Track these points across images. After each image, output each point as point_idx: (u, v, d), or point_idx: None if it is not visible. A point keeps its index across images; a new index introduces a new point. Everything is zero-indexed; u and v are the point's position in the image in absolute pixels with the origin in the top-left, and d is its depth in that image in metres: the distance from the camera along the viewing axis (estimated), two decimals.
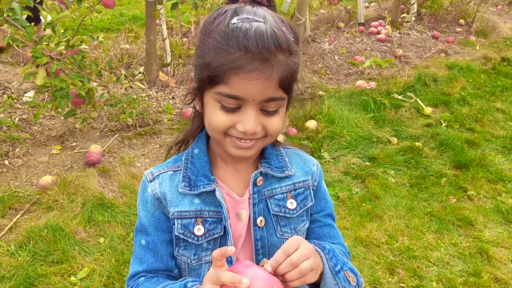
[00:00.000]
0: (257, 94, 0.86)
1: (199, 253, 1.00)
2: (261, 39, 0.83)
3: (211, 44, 0.87)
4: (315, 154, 3.55)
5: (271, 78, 0.85)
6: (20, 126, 3.39)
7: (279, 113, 0.93)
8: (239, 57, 0.84)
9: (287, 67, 0.87)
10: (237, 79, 0.85)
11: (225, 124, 0.90)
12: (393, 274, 2.50)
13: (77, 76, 2.86)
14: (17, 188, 2.89)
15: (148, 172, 1.04)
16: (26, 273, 2.30)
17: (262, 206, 1.02)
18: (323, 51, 5.32)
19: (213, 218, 0.99)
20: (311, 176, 1.10)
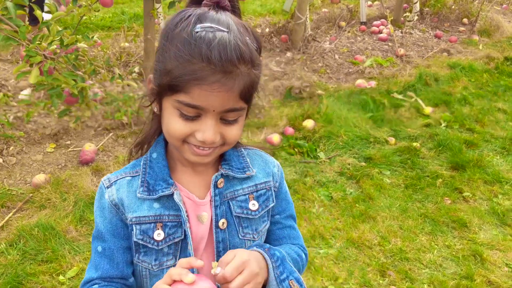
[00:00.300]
0: (218, 105, 0.86)
1: (160, 258, 0.99)
2: (224, 51, 0.82)
3: (173, 51, 0.86)
4: (311, 154, 3.53)
5: (232, 90, 0.85)
6: (14, 124, 3.40)
7: (238, 122, 0.93)
8: (201, 68, 0.83)
9: (249, 79, 0.87)
10: (198, 90, 0.84)
11: (183, 132, 0.90)
12: (384, 276, 2.48)
13: (70, 75, 2.86)
14: (11, 186, 2.90)
15: (105, 178, 1.03)
16: (15, 272, 2.30)
17: (224, 208, 1.02)
18: (323, 50, 5.30)
19: (173, 222, 0.98)
20: (272, 178, 1.10)
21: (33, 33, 3.02)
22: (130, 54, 4.43)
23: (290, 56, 5.13)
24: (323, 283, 2.39)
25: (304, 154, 3.53)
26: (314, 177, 3.26)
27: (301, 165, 3.38)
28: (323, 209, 2.97)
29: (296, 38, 5.37)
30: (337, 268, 2.50)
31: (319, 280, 2.40)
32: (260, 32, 5.67)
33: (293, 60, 5.04)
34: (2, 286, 2.22)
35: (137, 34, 5.22)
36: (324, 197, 3.08)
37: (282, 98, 4.29)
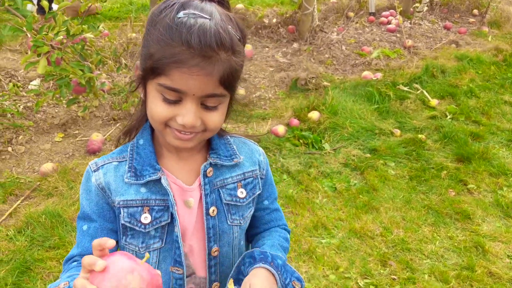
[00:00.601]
0: (197, 89, 0.88)
1: (147, 241, 1.02)
2: (203, 36, 0.85)
3: (155, 35, 0.88)
4: (316, 145, 3.55)
5: (212, 75, 0.87)
6: (24, 114, 3.45)
7: (219, 109, 0.95)
8: (181, 51, 0.85)
9: (229, 65, 0.89)
10: (178, 73, 0.86)
11: (165, 115, 0.92)
12: (385, 266, 2.50)
13: (78, 65, 2.90)
14: (19, 175, 2.95)
15: (92, 162, 1.05)
16: (23, 258, 2.36)
17: (214, 196, 1.05)
18: (330, 41, 5.29)
19: (160, 206, 1.01)
20: (258, 166, 1.13)
21: (40, 23, 3.06)
22: (137, 44, 4.46)
23: (296, 47, 5.13)
24: (324, 272, 2.43)
25: (309, 145, 3.55)
26: (318, 168, 3.28)
27: (306, 156, 3.40)
28: (326, 199, 2.99)
29: (303, 28, 5.37)
30: (339, 257, 2.53)
31: (320, 269, 2.43)
32: (267, 22, 5.66)
33: (299, 51, 5.04)
34: (11, 271, 2.28)
35: (144, 25, 5.24)
36: (328, 188, 3.11)
37: (288, 90, 4.30)
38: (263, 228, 1.20)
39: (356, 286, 2.37)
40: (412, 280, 2.42)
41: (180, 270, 1.05)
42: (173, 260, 1.04)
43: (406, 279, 2.42)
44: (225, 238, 1.08)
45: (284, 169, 3.24)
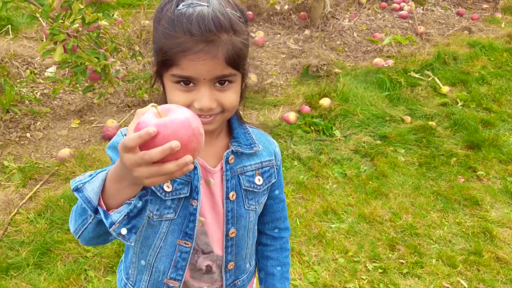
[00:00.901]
0: (207, 73, 0.93)
1: (161, 209, 1.06)
2: (202, 22, 0.90)
3: (161, 30, 0.95)
4: (326, 132, 3.59)
5: (217, 57, 0.92)
6: (41, 100, 3.54)
7: (232, 88, 0.99)
8: (185, 40, 0.91)
9: (232, 45, 0.94)
10: (186, 60, 0.92)
11: (183, 103, 0.96)
12: (393, 250, 2.56)
13: (93, 53, 2.96)
14: (38, 160, 3.05)
15: (124, 128, 1.08)
16: (43, 240, 2.45)
17: (234, 181, 1.12)
18: (342, 27, 5.29)
19: (182, 179, 1.06)
20: (274, 157, 1.20)
21: (57, 11, 3.12)
22: (150, 32, 4.51)
23: (308, 34, 5.15)
24: (334, 255, 2.49)
25: (320, 132, 3.60)
26: (329, 154, 3.33)
27: (317, 142, 3.45)
28: (336, 185, 3.05)
29: (315, 15, 5.37)
30: (348, 242, 2.59)
31: (330, 253, 2.50)
32: (279, 9, 5.67)
33: (311, 38, 5.06)
34: (33, 252, 2.38)
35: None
36: (338, 174, 3.16)
37: (299, 76, 4.33)
38: (269, 216, 1.27)
39: (364, 270, 2.43)
40: (420, 264, 2.47)
41: (188, 243, 1.10)
42: (182, 233, 1.09)
43: (414, 263, 2.48)
44: (242, 222, 1.15)
45: (295, 155, 3.30)
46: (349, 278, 2.36)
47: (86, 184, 0.84)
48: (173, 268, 1.12)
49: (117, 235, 0.82)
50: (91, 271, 2.31)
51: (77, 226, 0.91)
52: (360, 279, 2.37)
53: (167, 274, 1.13)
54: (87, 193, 0.83)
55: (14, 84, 3.54)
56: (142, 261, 1.14)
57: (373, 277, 2.38)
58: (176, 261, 1.12)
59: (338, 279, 2.35)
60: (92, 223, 0.87)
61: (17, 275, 2.28)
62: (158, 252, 1.11)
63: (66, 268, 2.30)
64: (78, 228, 0.90)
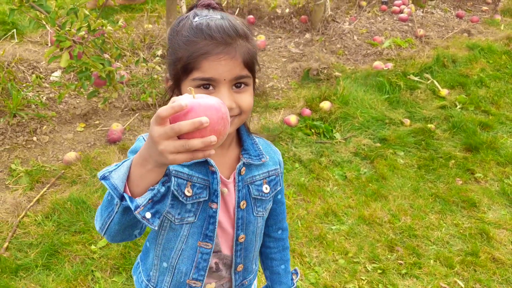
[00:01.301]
0: (227, 73, 1.01)
1: (182, 213, 1.13)
2: (221, 28, 1.00)
3: (180, 40, 1.03)
4: (327, 135, 3.65)
5: (236, 58, 1.01)
6: (47, 104, 3.61)
7: (248, 90, 1.07)
8: (205, 44, 0.99)
9: (247, 49, 1.03)
10: (207, 62, 0.99)
11: None
12: (392, 251, 2.63)
13: (98, 59, 3.03)
14: (44, 163, 3.12)
15: (144, 134, 1.11)
16: (51, 241, 2.52)
17: (245, 191, 1.19)
18: (342, 31, 5.35)
19: (201, 184, 1.13)
20: (279, 165, 1.29)
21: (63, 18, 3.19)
22: (154, 36, 4.58)
23: (309, 37, 5.21)
24: (334, 256, 2.55)
25: (321, 135, 3.66)
26: (329, 157, 3.40)
27: (317, 145, 3.52)
28: (337, 188, 3.11)
29: (315, 19, 5.44)
30: (348, 243, 2.65)
31: (330, 254, 2.56)
32: (280, 13, 5.74)
33: (311, 42, 5.13)
34: (41, 253, 2.45)
35: (160, 16, 5.36)
36: (339, 176, 3.22)
37: (300, 80, 4.40)
38: (273, 220, 1.35)
39: (364, 270, 2.50)
40: (418, 265, 2.54)
41: (209, 245, 1.16)
42: (202, 235, 1.16)
43: (412, 264, 2.54)
44: (251, 228, 1.22)
45: (296, 158, 3.36)
46: (349, 279, 2.43)
47: (112, 172, 0.88)
48: (195, 269, 1.18)
49: (141, 218, 0.86)
50: (97, 272, 2.37)
51: (103, 221, 0.94)
52: (360, 280, 2.43)
53: (189, 275, 1.19)
54: (114, 181, 0.87)
55: (21, 88, 3.61)
56: (164, 263, 1.20)
57: (372, 278, 2.44)
58: (198, 262, 1.17)
59: (338, 280, 2.42)
60: (119, 212, 0.90)
61: (26, 276, 2.35)
62: (180, 254, 1.17)
63: (74, 269, 2.37)
64: (104, 222, 0.94)
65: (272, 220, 1.35)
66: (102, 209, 0.94)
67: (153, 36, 4.59)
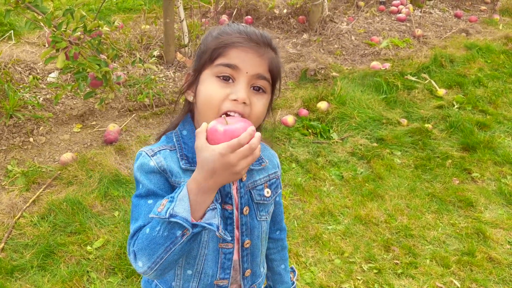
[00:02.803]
0: (250, 66, 1.03)
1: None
2: (258, 32, 1.06)
3: (213, 35, 1.08)
4: (324, 135, 3.65)
5: (263, 58, 1.04)
6: (44, 105, 3.61)
7: (264, 98, 1.08)
8: (239, 37, 1.04)
9: (274, 59, 1.07)
10: (235, 51, 1.03)
11: (220, 95, 1.03)
12: (388, 251, 2.62)
13: (94, 60, 3.03)
14: (41, 164, 3.11)
15: (146, 149, 1.13)
16: (47, 242, 2.52)
17: (247, 197, 1.19)
18: (340, 31, 5.35)
19: None
20: (278, 168, 1.29)
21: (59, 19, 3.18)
22: (151, 37, 4.58)
23: (306, 38, 5.21)
24: (330, 256, 2.55)
25: (318, 135, 3.66)
26: (326, 157, 3.39)
27: (314, 145, 3.52)
28: (333, 187, 3.11)
29: (313, 19, 5.44)
30: (344, 243, 2.65)
31: (326, 254, 2.56)
32: (277, 13, 5.74)
33: (309, 42, 5.12)
34: (37, 254, 2.44)
35: (158, 16, 5.36)
36: (335, 176, 3.22)
37: (298, 80, 4.40)
38: (273, 221, 1.34)
39: (360, 270, 2.49)
40: (414, 265, 2.53)
41: (229, 245, 1.16)
42: (222, 238, 1.14)
43: (408, 264, 2.54)
44: (255, 232, 1.22)
45: (293, 158, 3.36)
46: (344, 279, 2.42)
47: (175, 208, 0.94)
48: (221, 270, 1.18)
49: (223, 235, 0.98)
50: (93, 273, 2.37)
51: (156, 258, 0.97)
52: (356, 280, 2.43)
53: (216, 277, 1.18)
54: (182, 215, 0.93)
55: (18, 89, 3.61)
56: (189, 271, 1.18)
57: (368, 278, 2.44)
58: (222, 262, 1.18)
59: (334, 280, 2.41)
60: (184, 241, 0.97)
61: (21, 277, 2.35)
62: (205, 259, 1.16)
63: (69, 270, 2.37)
64: (158, 259, 0.97)
65: (271, 222, 1.35)
66: (155, 246, 0.97)
67: (150, 36, 4.59)
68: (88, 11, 5.20)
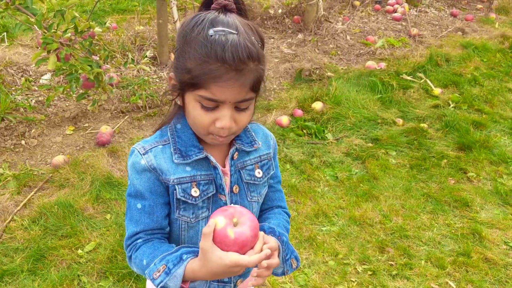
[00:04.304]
0: (233, 97, 1.03)
1: (196, 212, 1.17)
2: (236, 52, 0.98)
3: (192, 53, 1.02)
4: (319, 135, 3.63)
5: (244, 85, 1.02)
6: (36, 108, 3.58)
7: (250, 109, 1.10)
8: (217, 68, 0.99)
9: (257, 73, 1.04)
10: (216, 86, 1.00)
11: (207, 122, 1.07)
12: (383, 252, 2.60)
13: (86, 61, 3.00)
14: (32, 167, 3.08)
15: (138, 146, 1.17)
16: (37, 246, 2.49)
17: (237, 176, 1.21)
18: (335, 31, 5.33)
19: (205, 180, 1.16)
20: (272, 149, 1.30)
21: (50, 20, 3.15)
22: (144, 38, 4.55)
23: (301, 38, 5.19)
24: (324, 258, 2.53)
25: (312, 135, 3.63)
26: (321, 157, 3.37)
27: (309, 146, 3.49)
28: (328, 188, 3.08)
29: (308, 19, 5.41)
30: (338, 244, 2.62)
31: (320, 256, 2.53)
32: (272, 13, 5.71)
33: (304, 42, 5.10)
34: (27, 258, 2.41)
35: (151, 17, 5.33)
36: (330, 177, 3.20)
37: (292, 81, 4.37)
38: (267, 204, 1.35)
39: (354, 272, 2.47)
40: (409, 266, 2.51)
41: None
42: None
43: (403, 265, 2.51)
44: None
45: (288, 158, 3.34)
46: (339, 281, 2.40)
47: (168, 282, 1.06)
48: None
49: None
50: (84, 277, 2.34)
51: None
52: (350, 281, 2.40)
53: None
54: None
55: (9, 92, 3.58)
56: None
57: (363, 279, 2.41)
58: None
59: (328, 282, 2.39)
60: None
61: (11, 282, 2.31)
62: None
63: (60, 274, 2.34)
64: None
65: (267, 206, 1.35)
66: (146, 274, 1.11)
67: (144, 37, 4.57)
68: (82, 13, 5.17)
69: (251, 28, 1.06)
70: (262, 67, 1.06)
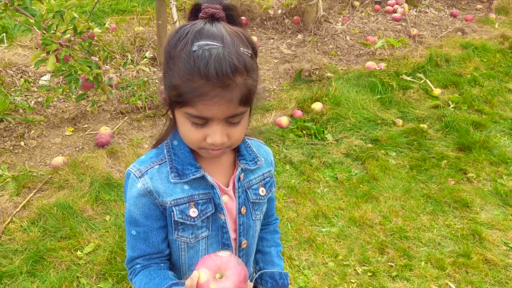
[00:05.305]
0: (221, 114, 0.98)
1: (195, 232, 1.14)
2: (219, 68, 0.93)
3: (176, 70, 0.97)
4: (318, 136, 3.62)
5: (232, 100, 0.96)
6: (35, 109, 3.57)
7: (242, 123, 1.05)
8: (201, 85, 0.94)
9: (245, 86, 0.97)
10: (202, 104, 0.96)
11: (197, 138, 1.03)
12: (383, 253, 2.59)
13: (85, 62, 3.00)
14: (32, 168, 3.08)
15: (134, 169, 1.13)
16: (36, 248, 2.48)
17: (244, 196, 1.19)
18: (335, 31, 5.32)
19: (203, 199, 1.13)
20: (271, 166, 1.28)
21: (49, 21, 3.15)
22: (144, 38, 4.55)
23: (301, 38, 5.18)
24: (324, 259, 2.52)
25: (312, 136, 3.63)
26: (320, 158, 3.36)
27: (308, 146, 3.49)
28: (327, 189, 3.08)
29: (308, 19, 5.41)
30: (338, 245, 2.62)
31: (320, 257, 2.53)
32: (272, 14, 5.71)
33: (304, 42, 5.10)
34: (26, 260, 2.41)
35: (151, 18, 5.32)
36: (330, 178, 3.19)
37: (292, 81, 4.37)
38: (264, 217, 1.34)
39: (354, 273, 2.46)
40: (409, 267, 2.50)
41: (229, 251, 1.16)
42: (220, 244, 1.17)
43: (403, 266, 2.51)
44: (251, 232, 1.23)
45: (287, 159, 3.33)
46: (338, 282, 2.39)
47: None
48: None
49: None
50: (83, 278, 2.34)
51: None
52: (350, 283, 2.40)
53: None
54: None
55: (9, 93, 3.57)
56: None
57: (363, 281, 2.41)
58: None
59: (328, 283, 2.38)
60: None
61: (10, 283, 2.31)
62: None
63: (59, 276, 2.33)
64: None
65: (264, 219, 1.35)
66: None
67: (144, 38, 4.56)
68: (81, 13, 5.17)
69: (240, 37, 0.99)
70: (253, 79, 0.99)
